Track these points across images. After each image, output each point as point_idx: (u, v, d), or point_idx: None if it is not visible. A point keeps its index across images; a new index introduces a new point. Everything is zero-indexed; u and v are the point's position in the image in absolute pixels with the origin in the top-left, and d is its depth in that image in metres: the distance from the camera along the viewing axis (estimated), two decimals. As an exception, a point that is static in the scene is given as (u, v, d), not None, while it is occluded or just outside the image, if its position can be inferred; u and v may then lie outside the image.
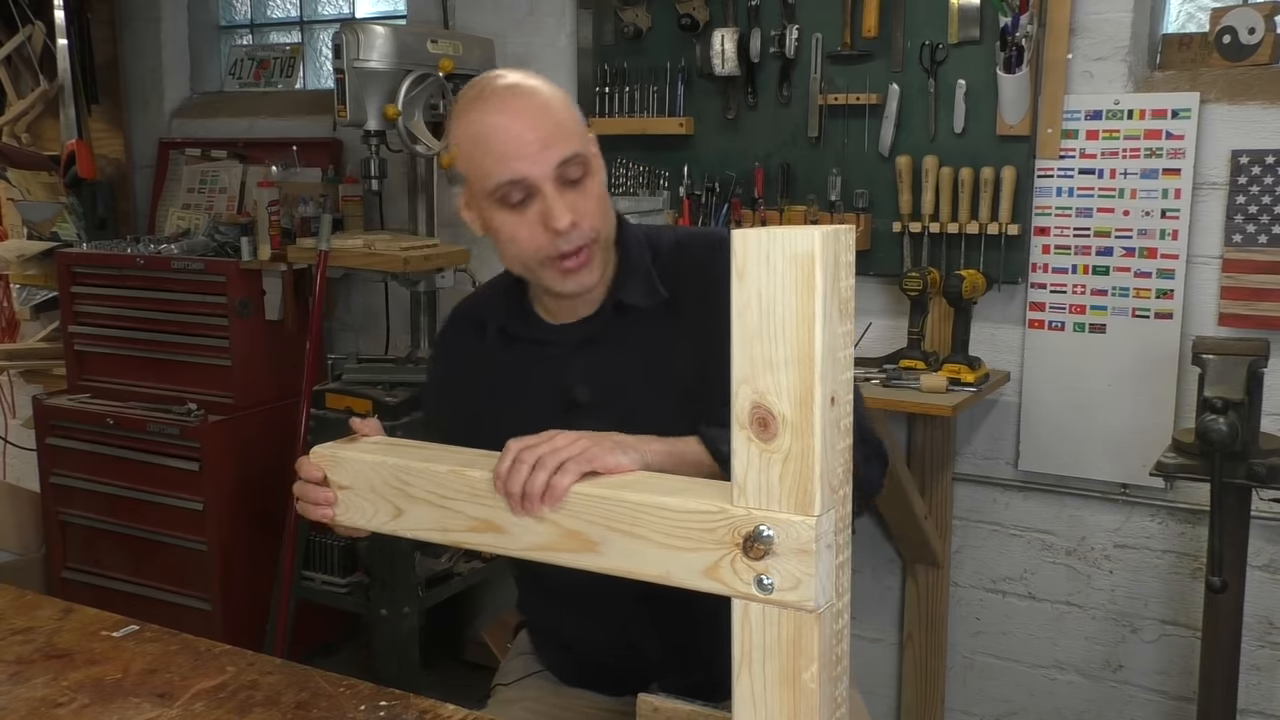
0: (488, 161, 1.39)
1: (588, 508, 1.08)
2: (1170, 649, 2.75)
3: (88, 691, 1.32)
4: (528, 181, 1.38)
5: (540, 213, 1.39)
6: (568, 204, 1.38)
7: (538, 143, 1.37)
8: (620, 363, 1.48)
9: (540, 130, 1.38)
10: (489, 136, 1.39)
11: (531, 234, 1.40)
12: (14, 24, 4.08)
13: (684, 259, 1.51)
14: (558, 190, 1.39)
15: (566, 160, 1.38)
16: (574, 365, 1.50)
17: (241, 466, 3.33)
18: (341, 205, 3.45)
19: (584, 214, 1.40)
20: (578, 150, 1.40)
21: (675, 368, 1.45)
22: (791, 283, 0.87)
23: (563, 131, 1.39)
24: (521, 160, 1.37)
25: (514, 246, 1.43)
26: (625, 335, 1.49)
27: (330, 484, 1.27)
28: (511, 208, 1.40)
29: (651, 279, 1.49)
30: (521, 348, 1.54)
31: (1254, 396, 2.19)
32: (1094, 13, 2.62)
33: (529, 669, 1.70)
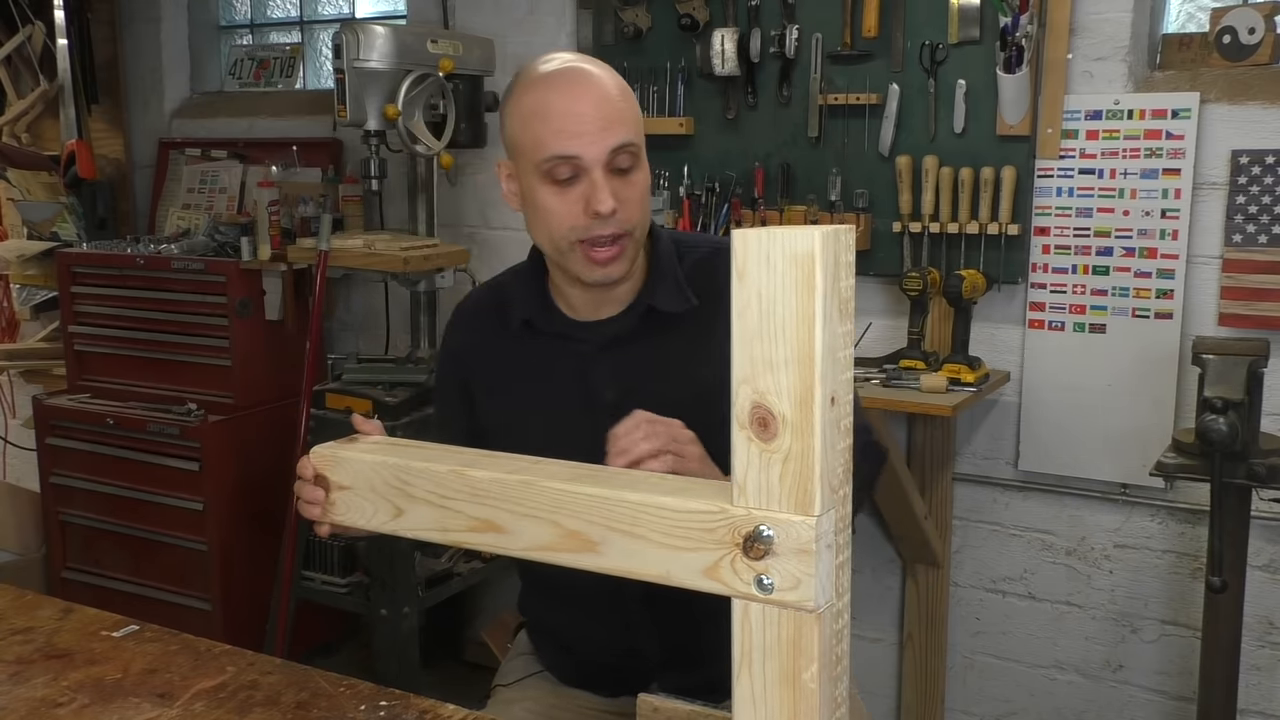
0: (544, 133, 1.40)
1: (588, 508, 1.08)
2: (1170, 649, 2.75)
3: (88, 691, 1.32)
4: (579, 160, 1.39)
5: (584, 194, 1.40)
6: (613, 190, 1.40)
7: (596, 124, 1.39)
8: (647, 365, 1.49)
9: (600, 113, 1.40)
10: (549, 110, 1.40)
11: (570, 212, 1.41)
12: (14, 24, 4.08)
13: (714, 267, 1.51)
14: (606, 175, 1.40)
15: (620, 147, 1.40)
16: (600, 363, 1.50)
17: (241, 466, 3.33)
18: (341, 205, 3.45)
19: (626, 204, 1.41)
20: (633, 140, 1.42)
21: (701, 375, 1.43)
22: (791, 283, 0.87)
23: (622, 119, 1.41)
24: (578, 139, 1.39)
25: (550, 222, 1.43)
26: (653, 339, 1.49)
27: (328, 484, 1.27)
28: (556, 183, 1.41)
29: (681, 285, 1.50)
30: (544, 341, 1.54)
31: (1254, 396, 2.19)
32: (1094, 13, 2.62)
33: (529, 669, 1.70)
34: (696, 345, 1.47)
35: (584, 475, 1.14)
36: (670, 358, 1.49)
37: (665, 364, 1.49)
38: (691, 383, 1.45)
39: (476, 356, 1.60)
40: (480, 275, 3.06)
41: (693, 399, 1.42)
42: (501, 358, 1.57)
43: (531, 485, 1.12)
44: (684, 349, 1.48)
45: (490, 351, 1.59)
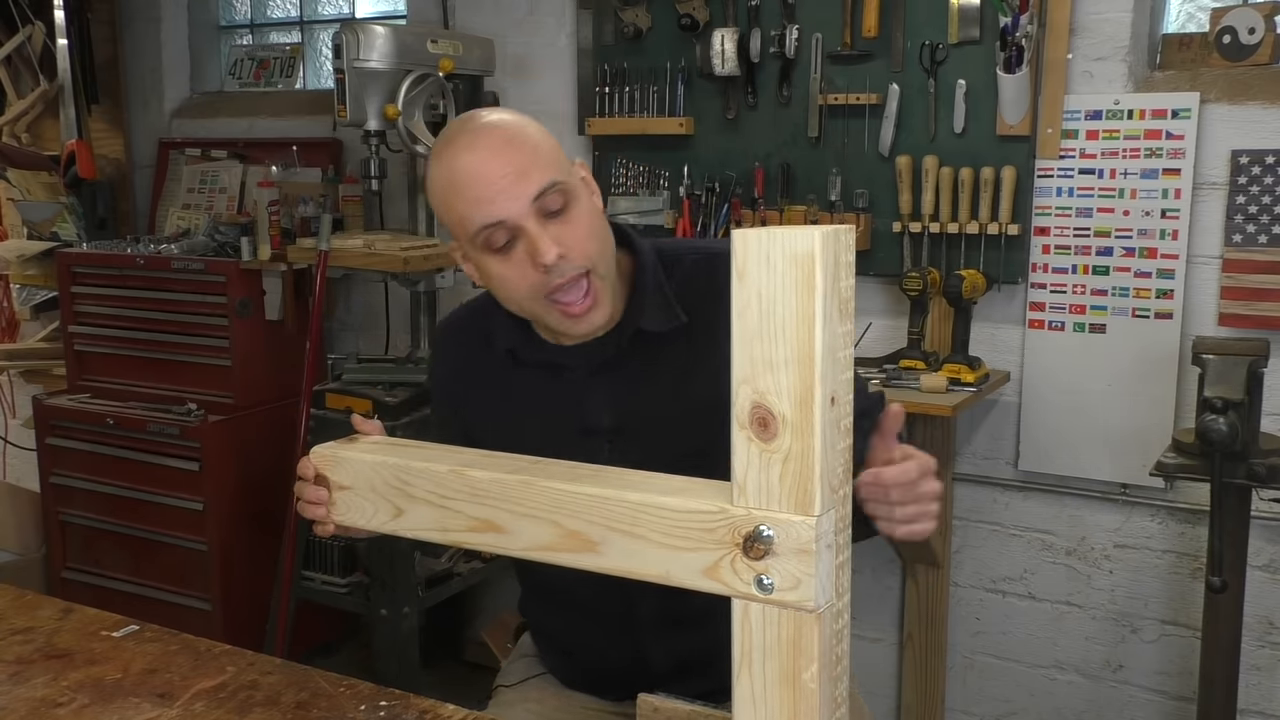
0: (462, 207, 1.34)
1: (588, 508, 1.08)
2: (1170, 649, 2.75)
3: (88, 691, 1.32)
4: (508, 223, 1.32)
5: (527, 251, 1.33)
6: (553, 237, 1.32)
7: (509, 179, 1.31)
8: (640, 389, 1.45)
9: (510, 165, 1.32)
10: (459, 181, 1.34)
11: (522, 274, 1.35)
12: (14, 24, 4.08)
13: (701, 278, 1.46)
14: (540, 224, 1.32)
15: (543, 192, 1.32)
16: (592, 390, 1.46)
17: (241, 466, 3.33)
18: (341, 205, 3.45)
19: (572, 244, 1.34)
20: (554, 179, 1.33)
21: (697, 392, 1.41)
22: (791, 283, 0.87)
23: (536, 162, 1.33)
24: (495, 201, 1.31)
25: (507, 290, 1.37)
26: (644, 360, 1.45)
27: (329, 484, 1.27)
28: (498, 252, 1.35)
29: (668, 302, 1.44)
30: (533, 369, 1.50)
31: (1254, 396, 2.19)
32: (1094, 13, 2.62)
33: (531, 671, 1.70)
34: (690, 362, 1.44)
35: (584, 475, 1.14)
36: (664, 376, 1.45)
37: (659, 383, 1.45)
38: (687, 400, 1.42)
39: (466, 384, 1.57)
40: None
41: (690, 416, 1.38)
42: (491, 386, 1.53)
43: (531, 485, 1.12)
44: (677, 367, 1.45)
45: (479, 379, 1.55)
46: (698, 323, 1.44)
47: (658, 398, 1.45)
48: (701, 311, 1.44)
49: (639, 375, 1.45)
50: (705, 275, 1.47)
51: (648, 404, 1.44)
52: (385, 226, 3.50)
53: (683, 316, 1.44)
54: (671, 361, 1.45)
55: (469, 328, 1.58)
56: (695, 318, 1.44)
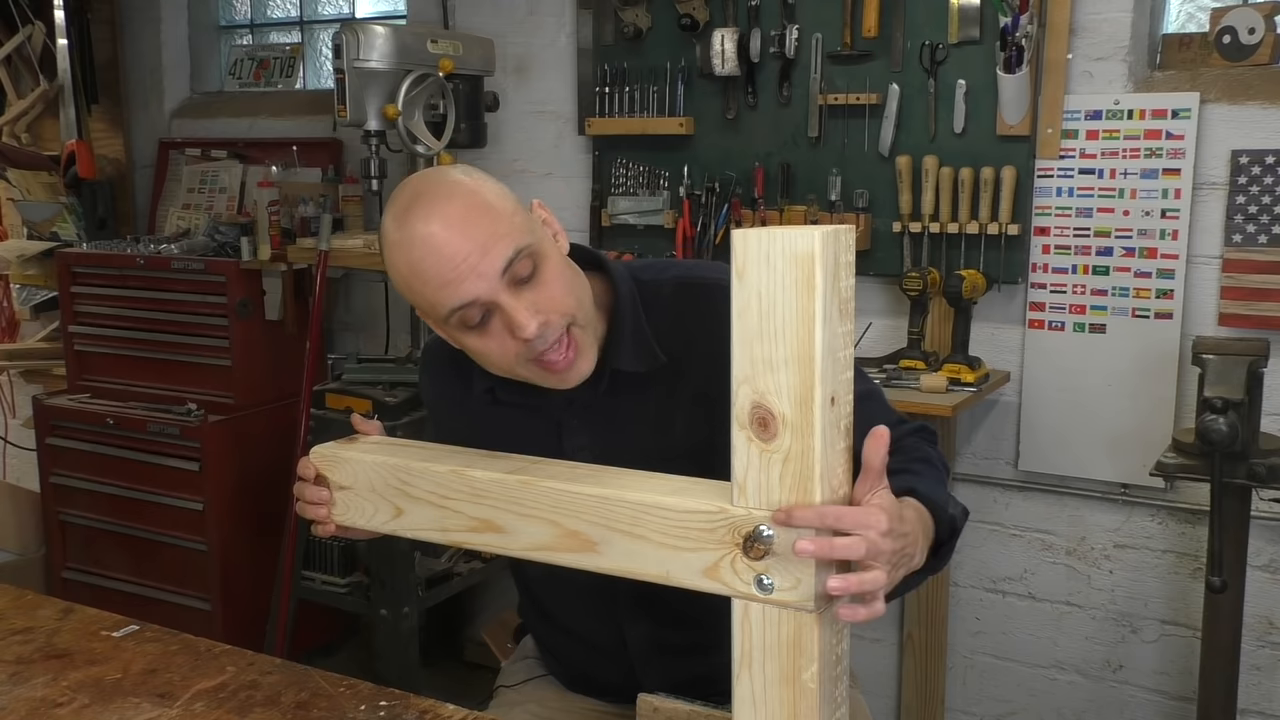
0: (429, 293, 1.26)
1: (588, 508, 1.08)
2: (1170, 649, 2.75)
3: (88, 691, 1.32)
4: (479, 300, 1.25)
5: (505, 324, 1.27)
6: (529, 305, 1.26)
7: (475, 255, 1.23)
8: (621, 429, 1.41)
9: (472, 241, 1.23)
10: (420, 267, 1.25)
11: (503, 347, 1.29)
12: (14, 24, 4.08)
13: (682, 314, 1.40)
14: (514, 295, 1.25)
15: (511, 261, 1.24)
16: (569, 431, 1.42)
17: (241, 466, 3.33)
18: (341, 205, 3.44)
19: (550, 308, 1.27)
20: (520, 245, 1.25)
21: (680, 432, 1.39)
22: (791, 283, 0.87)
23: (498, 231, 1.25)
24: (464, 282, 1.24)
25: (492, 361, 1.32)
26: (625, 401, 1.40)
27: (330, 484, 1.27)
28: (474, 329, 1.28)
29: (648, 342, 1.39)
30: (511, 409, 1.46)
31: (1254, 396, 2.19)
32: (1094, 13, 2.62)
33: (533, 672, 1.70)
34: (670, 399, 1.40)
35: (584, 475, 1.14)
36: (642, 417, 1.41)
37: (637, 424, 1.41)
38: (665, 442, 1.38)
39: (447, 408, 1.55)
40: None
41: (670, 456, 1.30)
42: (469, 413, 1.49)
43: (531, 485, 1.12)
44: (658, 407, 1.41)
45: (458, 405, 1.51)
46: (680, 362, 1.39)
47: (635, 438, 1.41)
48: (684, 351, 1.39)
49: (617, 416, 1.41)
50: (686, 308, 1.41)
51: (625, 445, 1.38)
52: (385, 226, 3.49)
53: (661, 357, 1.38)
54: (650, 402, 1.41)
55: (448, 363, 1.51)
56: (677, 357, 1.39)
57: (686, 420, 1.39)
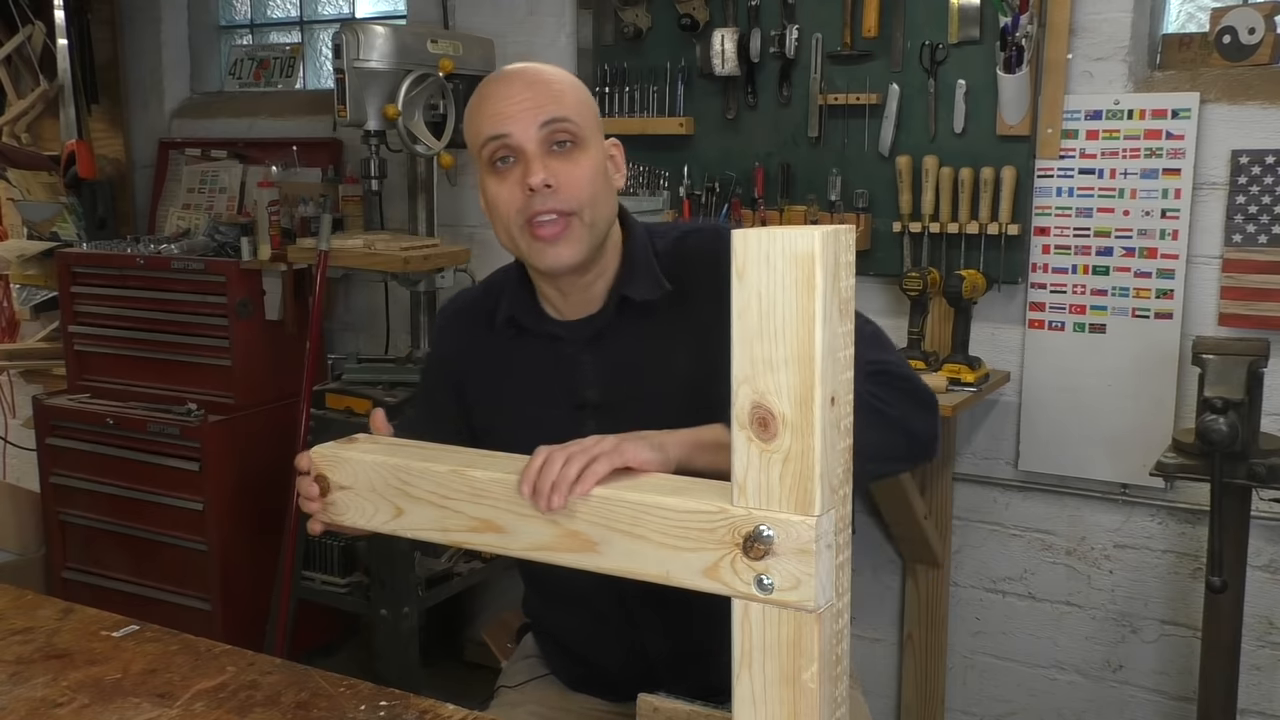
0: (478, 119, 1.42)
1: (588, 508, 1.08)
2: (1170, 649, 2.75)
3: (88, 691, 1.32)
4: (509, 138, 1.39)
5: (521, 174, 1.39)
6: (550, 169, 1.38)
7: (526, 103, 1.38)
8: (627, 359, 1.47)
9: (531, 92, 1.39)
10: (484, 99, 1.42)
11: (511, 195, 1.40)
12: (14, 24, 4.08)
13: (687, 250, 1.50)
14: (541, 151, 1.39)
15: (552, 121, 1.38)
16: (583, 363, 1.49)
17: (241, 466, 3.33)
18: (341, 205, 3.45)
19: (566, 182, 1.39)
20: (567, 115, 1.39)
21: (681, 361, 1.44)
22: (791, 283, 0.87)
23: (554, 99, 1.40)
24: (507, 118, 1.38)
25: (498, 210, 1.42)
26: (631, 331, 1.47)
27: (328, 484, 1.27)
28: (498, 171, 1.41)
29: (654, 272, 1.47)
30: (531, 341, 1.52)
31: (1254, 396, 2.19)
32: (1094, 13, 2.62)
33: (534, 672, 1.70)
34: (674, 332, 1.46)
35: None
36: (650, 348, 1.47)
37: (646, 356, 1.47)
38: (671, 373, 1.45)
39: (467, 359, 1.59)
40: (480, 274, 3.06)
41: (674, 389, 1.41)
42: (489, 358, 1.56)
43: (531, 485, 1.12)
44: (662, 337, 1.47)
45: (479, 352, 1.57)
46: (684, 294, 1.46)
47: (642, 370, 1.47)
48: (689, 283, 1.47)
49: (626, 348, 1.48)
50: (692, 248, 1.50)
51: (632, 377, 1.47)
52: (385, 226, 3.50)
53: (667, 285, 1.46)
54: (657, 332, 1.47)
55: (473, 308, 1.61)
56: (682, 289, 1.47)
57: (689, 352, 1.44)
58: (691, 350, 1.44)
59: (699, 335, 1.43)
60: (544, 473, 1.08)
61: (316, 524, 1.31)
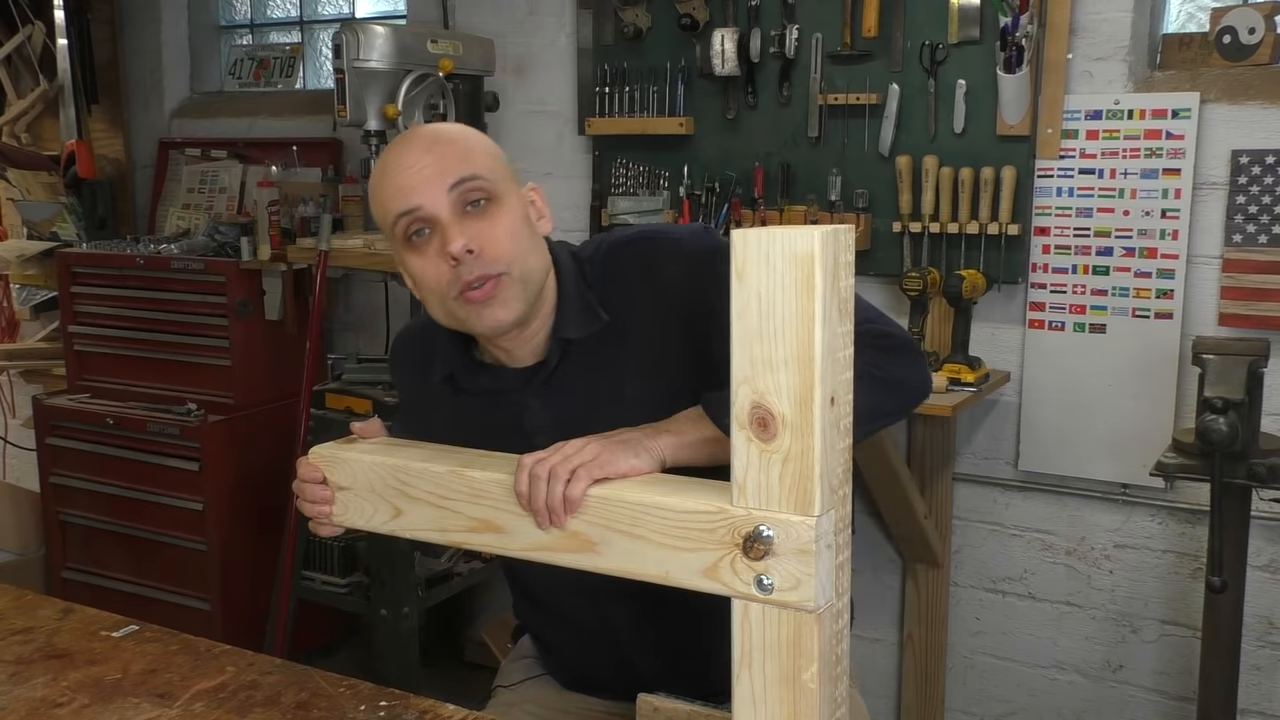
0: (383, 196, 1.35)
1: (588, 508, 1.08)
2: (1170, 649, 2.75)
3: (87, 691, 1.32)
4: (423, 211, 1.32)
5: (441, 245, 1.32)
6: (469, 232, 1.31)
7: (430, 169, 1.32)
8: (575, 398, 1.42)
9: (435, 156, 1.33)
10: (386, 173, 1.36)
11: (436, 269, 1.33)
12: (14, 24, 4.08)
13: (617, 270, 1.44)
14: (456, 217, 1.32)
15: (460, 181, 1.31)
16: (531, 410, 1.44)
17: (241, 466, 3.33)
18: (341, 205, 3.45)
19: (488, 243, 1.31)
20: (476, 173, 1.33)
21: (630, 387, 1.40)
22: (791, 283, 0.87)
23: (460, 157, 1.33)
24: (414, 190, 1.32)
25: (426, 287, 1.36)
26: (576, 369, 1.42)
27: (329, 484, 1.27)
28: (415, 246, 1.34)
29: (589, 305, 1.42)
30: (473, 397, 1.48)
31: (1254, 396, 2.19)
32: (1094, 13, 2.62)
33: (531, 672, 1.70)
34: (618, 359, 1.41)
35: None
36: (596, 382, 1.42)
37: (593, 391, 1.42)
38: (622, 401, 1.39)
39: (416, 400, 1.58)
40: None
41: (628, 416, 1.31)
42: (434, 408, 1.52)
43: (531, 485, 1.12)
44: (606, 369, 1.42)
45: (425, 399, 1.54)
46: (621, 320, 1.41)
47: (593, 405, 1.41)
48: (622, 308, 1.42)
49: (573, 387, 1.43)
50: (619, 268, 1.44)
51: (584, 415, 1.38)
52: (385, 227, 3.49)
53: (604, 316, 1.41)
54: (598, 364, 1.42)
55: (414, 350, 1.56)
56: (617, 316, 1.42)
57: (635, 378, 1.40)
58: (636, 375, 1.40)
59: (642, 358, 1.39)
60: (533, 495, 1.08)
61: (328, 528, 1.30)
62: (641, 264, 1.42)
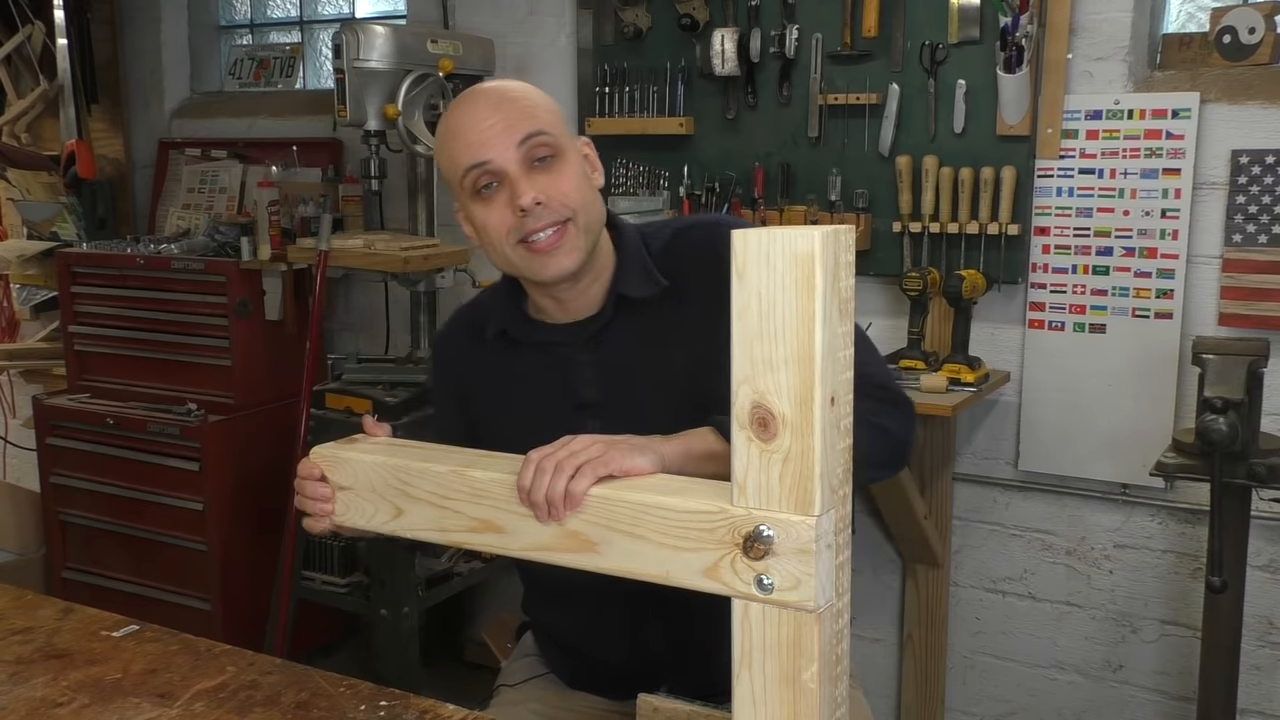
0: (454, 149, 1.41)
1: (588, 508, 1.08)
2: (1170, 649, 2.75)
3: (88, 691, 1.32)
4: (492, 165, 1.39)
5: (508, 196, 1.39)
6: (537, 185, 1.38)
7: (499, 125, 1.39)
8: (625, 357, 1.48)
9: (503, 113, 1.39)
10: (456, 127, 1.42)
11: (501, 218, 1.40)
12: (14, 24, 4.08)
13: (682, 245, 1.50)
14: (524, 170, 1.39)
15: (529, 137, 1.38)
16: (581, 364, 1.49)
17: (241, 466, 3.32)
18: (341, 205, 3.45)
19: (554, 194, 1.39)
20: (542, 129, 1.40)
21: (678, 357, 1.45)
22: (791, 283, 0.87)
23: (526, 114, 1.40)
24: (483, 145, 1.38)
25: (490, 236, 1.42)
26: (629, 329, 1.48)
27: (330, 484, 1.27)
28: (483, 198, 1.41)
29: (649, 269, 1.48)
30: (525, 351, 1.52)
31: (1254, 396, 2.19)
32: (1094, 13, 2.62)
33: (534, 671, 1.70)
34: (670, 328, 1.46)
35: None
36: (646, 345, 1.47)
37: (642, 353, 1.47)
38: (668, 369, 1.45)
39: (467, 376, 1.60)
40: (480, 275, 3.06)
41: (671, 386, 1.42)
42: (488, 371, 1.56)
43: (531, 485, 1.12)
44: (658, 334, 1.47)
45: (477, 368, 1.58)
46: (681, 289, 1.47)
47: (640, 367, 1.47)
48: (685, 278, 1.47)
49: (624, 346, 1.48)
50: (687, 242, 1.50)
51: (627, 371, 1.47)
52: (385, 226, 3.50)
53: (662, 281, 1.47)
54: (654, 329, 1.47)
55: (463, 327, 1.62)
56: (678, 285, 1.47)
57: (687, 347, 1.45)
58: (689, 346, 1.44)
59: (696, 331, 1.43)
60: (535, 485, 1.09)
61: (322, 524, 1.30)
62: (707, 244, 1.46)
